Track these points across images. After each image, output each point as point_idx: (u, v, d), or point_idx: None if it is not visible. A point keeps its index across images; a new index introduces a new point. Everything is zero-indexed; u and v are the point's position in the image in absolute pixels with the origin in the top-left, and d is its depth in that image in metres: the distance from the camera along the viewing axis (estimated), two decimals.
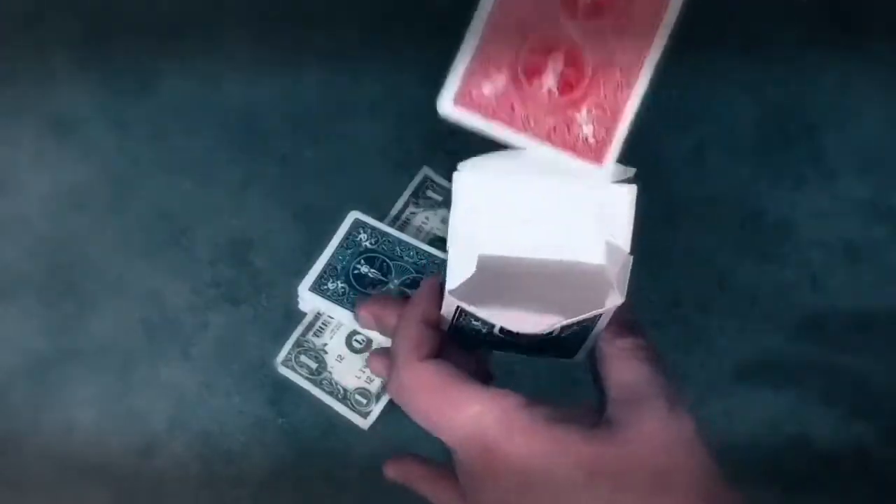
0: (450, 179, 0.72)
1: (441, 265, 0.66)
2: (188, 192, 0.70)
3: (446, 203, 0.70)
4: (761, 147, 0.73)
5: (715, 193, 0.71)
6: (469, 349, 0.46)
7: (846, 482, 0.64)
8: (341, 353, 0.65)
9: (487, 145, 0.74)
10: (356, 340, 0.65)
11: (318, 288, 0.65)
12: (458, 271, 0.39)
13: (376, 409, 0.63)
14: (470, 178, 0.40)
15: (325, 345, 0.65)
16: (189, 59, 0.74)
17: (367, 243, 0.66)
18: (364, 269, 0.66)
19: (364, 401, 0.63)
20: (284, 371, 0.64)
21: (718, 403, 0.65)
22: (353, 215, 0.67)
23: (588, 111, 0.41)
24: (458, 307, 0.40)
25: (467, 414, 0.40)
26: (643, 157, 0.74)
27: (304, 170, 0.71)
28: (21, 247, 0.68)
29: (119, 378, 0.65)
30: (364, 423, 0.63)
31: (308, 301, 0.65)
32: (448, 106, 0.41)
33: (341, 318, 0.65)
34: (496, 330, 0.41)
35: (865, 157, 0.73)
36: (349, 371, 0.64)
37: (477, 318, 0.40)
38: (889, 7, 0.74)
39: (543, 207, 0.40)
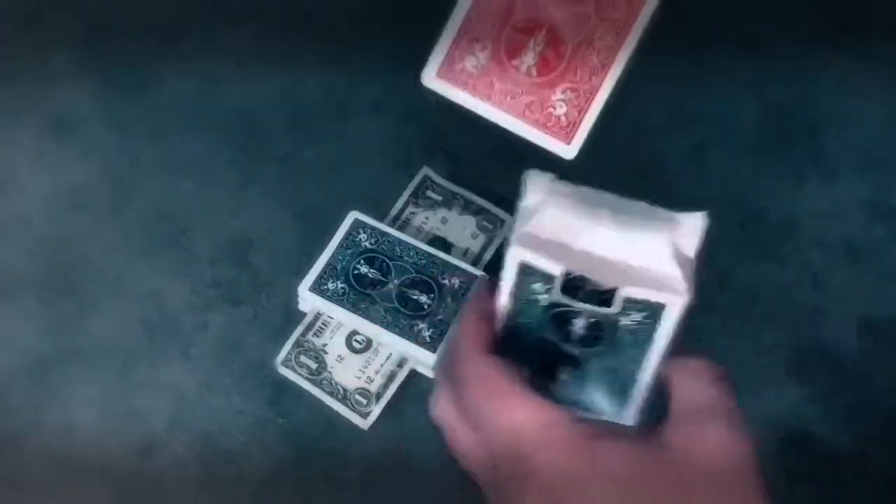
0: (449, 179, 0.72)
1: (441, 265, 0.66)
2: (188, 192, 0.70)
3: (446, 203, 0.70)
4: (762, 147, 0.73)
5: (715, 193, 0.71)
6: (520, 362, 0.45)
7: (846, 482, 0.64)
8: (341, 353, 0.65)
9: (487, 146, 0.74)
10: (356, 340, 0.65)
11: (318, 288, 0.65)
12: (525, 226, 0.38)
13: (376, 410, 0.63)
14: (542, 177, 0.39)
15: (325, 345, 0.65)
16: (189, 59, 0.74)
17: (367, 243, 0.66)
18: (364, 269, 0.66)
19: (364, 401, 0.63)
20: (284, 371, 0.64)
21: None
22: (353, 215, 0.67)
23: (563, 92, 0.42)
24: (520, 265, 0.39)
25: (511, 419, 0.39)
26: (643, 156, 0.75)
27: (304, 170, 0.71)
28: (21, 247, 0.68)
29: (119, 378, 0.65)
30: (364, 423, 0.63)
31: (308, 301, 0.65)
32: (431, 78, 0.43)
33: (341, 318, 0.65)
34: (556, 305, 0.39)
35: (866, 156, 0.73)
36: (349, 371, 0.64)
37: (538, 283, 0.39)
38: (889, 7, 0.74)
39: (613, 214, 0.39)
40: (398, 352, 0.64)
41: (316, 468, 0.63)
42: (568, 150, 0.43)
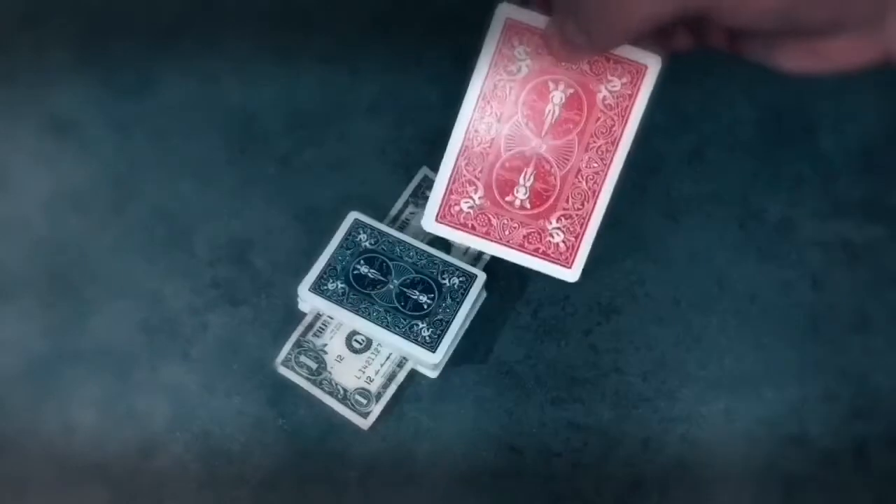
0: None
1: (441, 265, 0.66)
2: (188, 193, 0.70)
3: None
4: (761, 147, 0.73)
5: (714, 193, 0.71)
6: None
7: (846, 482, 0.64)
8: (341, 353, 0.65)
9: None
10: (356, 341, 0.65)
11: (317, 288, 0.65)
12: None
13: (376, 409, 0.63)
14: None
15: (325, 345, 0.65)
16: (189, 59, 0.74)
17: (367, 243, 0.66)
18: (364, 269, 0.66)
19: (364, 401, 0.64)
20: (284, 371, 0.64)
21: (718, 403, 0.65)
22: (353, 216, 0.67)
23: (558, 220, 0.46)
24: None
25: None
26: (643, 156, 0.75)
27: (303, 170, 0.71)
28: (20, 248, 0.68)
29: (119, 379, 0.65)
30: (364, 423, 0.63)
31: (308, 301, 0.65)
32: (431, 223, 0.47)
33: (341, 319, 0.65)
34: None
35: (864, 156, 0.73)
36: (349, 371, 0.64)
37: None
38: None
39: None
40: (398, 352, 0.64)
41: (316, 468, 0.63)
42: (570, 274, 0.46)
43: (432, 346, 0.63)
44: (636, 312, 0.68)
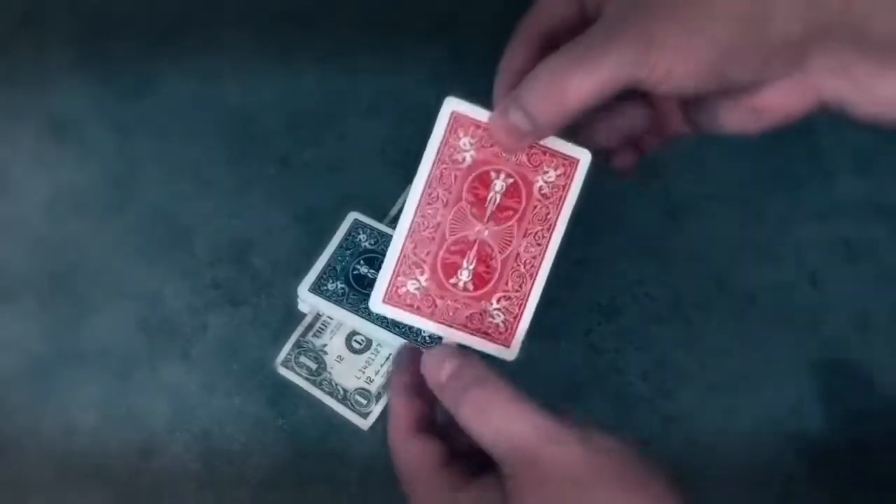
0: None
1: None
2: (188, 193, 0.70)
3: None
4: (760, 147, 0.73)
5: (714, 193, 0.71)
6: None
7: (846, 482, 0.64)
8: (341, 353, 0.65)
9: None
10: (356, 341, 0.65)
11: (317, 288, 0.65)
12: None
13: (376, 410, 0.63)
14: None
15: (325, 345, 0.65)
16: (189, 59, 0.74)
17: (367, 244, 0.67)
18: (363, 269, 0.66)
19: (364, 401, 0.64)
20: (284, 372, 0.64)
21: (718, 403, 0.65)
22: (353, 216, 0.67)
23: (498, 301, 0.48)
24: None
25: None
26: (642, 158, 0.75)
27: (303, 170, 0.71)
28: (20, 248, 0.68)
29: (119, 379, 0.65)
30: (364, 424, 0.63)
31: (308, 301, 0.65)
32: (378, 304, 0.48)
33: (341, 319, 0.65)
34: None
35: (863, 156, 0.73)
36: (349, 371, 0.64)
37: None
38: None
39: None
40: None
41: (316, 468, 0.63)
42: (509, 353, 0.49)
43: (432, 346, 0.63)
44: (636, 312, 0.68)
